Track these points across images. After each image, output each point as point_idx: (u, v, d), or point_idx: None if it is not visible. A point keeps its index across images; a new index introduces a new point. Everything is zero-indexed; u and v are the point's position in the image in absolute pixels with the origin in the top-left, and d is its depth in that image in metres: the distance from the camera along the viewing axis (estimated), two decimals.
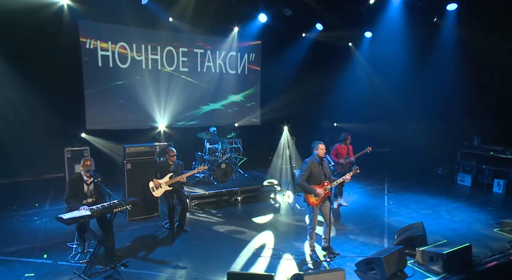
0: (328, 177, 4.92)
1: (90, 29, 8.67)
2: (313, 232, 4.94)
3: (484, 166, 9.28)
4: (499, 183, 8.75)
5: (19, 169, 7.89)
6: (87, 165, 4.51)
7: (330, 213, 4.98)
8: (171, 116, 9.89)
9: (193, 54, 10.30)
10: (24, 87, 7.41)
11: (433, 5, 8.83)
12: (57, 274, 4.34)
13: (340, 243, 5.49)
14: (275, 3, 9.49)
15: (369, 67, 11.64)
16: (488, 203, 7.87)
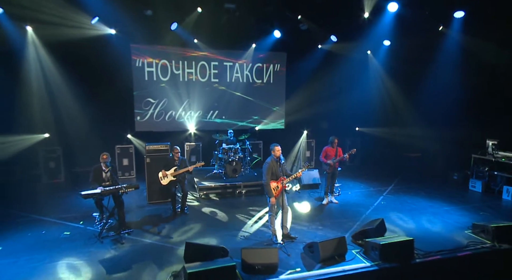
0: (285, 173, 5.76)
1: (138, 50, 10.57)
2: (272, 218, 5.82)
3: (495, 172, 8.93)
4: (508, 190, 8.40)
5: (82, 161, 9.98)
6: (104, 158, 6.08)
7: (286, 203, 5.81)
8: (200, 120, 11.37)
9: (223, 66, 11.66)
10: (85, 98, 9.47)
11: (439, 13, 8.82)
12: (84, 235, 5.98)
13: (306, 232, 6.25)
14: (291, 21, 10.29)
15: (385, 74, 11.73)
16: (484, 209, 7.74)
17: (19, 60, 8.91)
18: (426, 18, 8.62)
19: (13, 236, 5.87)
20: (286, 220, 5.93)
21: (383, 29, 9.27)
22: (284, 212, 5.87)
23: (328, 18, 9.43)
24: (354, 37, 10.13)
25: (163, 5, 8.90)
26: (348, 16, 8.81)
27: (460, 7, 8.67)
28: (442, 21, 9.08)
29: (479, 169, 9.35)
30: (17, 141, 8.85)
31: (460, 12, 8.73)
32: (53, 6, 7.87)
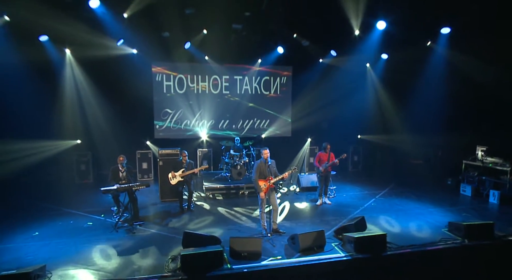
0: (273, 173, 6.36)
1: (158, 66, 11.55)
2: (263, 214, 6.41)
3: (484, 177, 9.08)
4: (494, 194, 8.54)
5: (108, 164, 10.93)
6: (120, 160, 6.94)
7: (276, 202, 6.40)
8: (211, 129, 12.17)
9: (233, 79, 12.44)
10: (111, 109, 10.50)
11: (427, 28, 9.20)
12: (103, 225, 6.82)
13: (295, 228, 6.76)
14: (293, 38, 10.93)
15: (383, 85, 12.09)
16: (469, 210, 7.96)
17: (57, 76, 10.06)
18: (414, 34, 9.00)
19: (47, 224, 6.80)
20: (275, 217, 6.50)
21: (375, 44, 9.73)
22: (274, 210, 6.46)
23: (323, 36, 9.99)
24: (351, 51, 10.61)
25: (178, 27, 9.78)
26: (341, 34, 9.33)
27: (446, 24, 9.01)
28: (430, 37, 9.43)
29: (469, 174, 9.51)
30: (54, 146, 9.95)
31: (447, 28, 9.06)
32: (86, 31, 8.92)
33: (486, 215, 7.65)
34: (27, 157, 8.87)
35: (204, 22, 9.69)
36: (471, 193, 9.21)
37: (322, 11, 7.89)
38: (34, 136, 9.02)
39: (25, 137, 8.73)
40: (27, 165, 8.89)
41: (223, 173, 10.15)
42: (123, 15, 8.09)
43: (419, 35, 9.23)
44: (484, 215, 7.63)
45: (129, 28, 8.85)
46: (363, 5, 7.57)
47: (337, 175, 11.55)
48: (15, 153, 8.56)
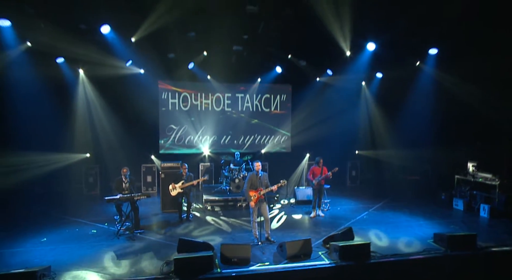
0: (264, 185, 6.74)
1: (164, 85, 12.24)
2: (254, 223, 6.75)
3: (475, 192, 9.27)
4: (484, 208, 8.70)
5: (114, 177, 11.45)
6: (124, 171, 7.43)
7: (267, 213, 6.75)
8: (213, 144, 12.66)
9: (235, 97, 13.02)
10: (119, 124, 11.12)
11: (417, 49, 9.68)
12: (106, 233, 7.25)
13: (286, 237, 7.01)
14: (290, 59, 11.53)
15: (378, 102, 12.49)
16: (458, 223, 8.14)
17: (71, 94, 10.78)
18: (403, 54, 9.48)
19: (55, 231, 7.26)
20: (267, 227, 6.84)
21: (366, 64, 10.23)
22: (265, 220, 6.80)
23: (317, 56, 10.56)
24: (346, 71, 11.11)
25: (182, 49, 10.47)
26: (333, 55, 9.86)
27: (434, 45, 9.47)
28: (419, 57, 9.89)
29: (462, 189, 9.70)
30: (65, 159, 10.53)
31: (434, 49, 9.52)
32: (98, 53, 9.64)
33: (474, 227, 7.81)
34: (40, 168, 9.43)
35: (207, 44, 10.36)
36: (463, 207, 9.37)
37: (313, 34, 8.43)
38: (48, 148, 9.62)
39: (39, 150, 9.31)
40: (40, 175, 9.45)
41: (222, 186, 10.54)
42: (131, 39, 8.79)
43: (408, 55, 9.68)
44: (472, 227, 7.79)
45: (137, 51, 9.56)
46: (349, 28, 8.09)
47: (335, 190, 11.86)
48: (29, 164, 9.14)
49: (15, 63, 8.44)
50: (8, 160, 8.47)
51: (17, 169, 8.77)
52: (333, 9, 7.17)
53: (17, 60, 8.49)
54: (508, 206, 8.52)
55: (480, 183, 9.21)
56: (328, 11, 7.23)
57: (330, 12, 7.24)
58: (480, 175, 9.30)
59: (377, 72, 11.99)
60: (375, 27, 8.53)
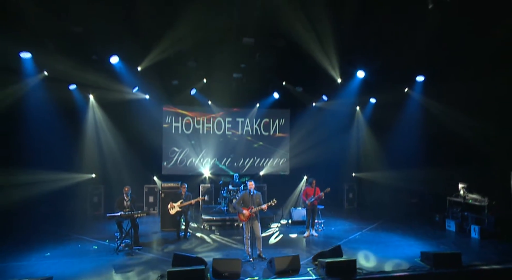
0: (256, 203, 7.08)
1: (168, 109, 12.94)
2: (246, 240, 7.04)
3: (466, 213, 9.44)
4: (475, 229, 8.85)
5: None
6: (126, 190, 7.87)
7: (259, 232, 7.05)
8: (214, 166, 13.12)
9: (235, 122, 13.63)
10: (124, 147, 11.72)
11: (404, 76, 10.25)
12: (106, 249, 7.59)
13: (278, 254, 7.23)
14: (287, 85, 12.19)
15: (372, 126, 12.95)
16: (448, 244, 8.29)
17: (81, 116, 11.49)
18: (392, 81, 10.04)
19: (58, 247, 7.62)
20: (258, 244, 7.11)
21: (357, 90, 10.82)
22: (257, 238, 7.09)
23: (311, 83, 11.20)
24: (339, 96, 11.69)
25: (185, 76, 11.23)
26: (325, 82, 10.48)
27: (421, 73, 10.04)
28: (407, 84, 10.46)
29: (453, 210, 9.87)
30: (72, 178, 11.02)
31: (421, 76, 10.08)
32: (107, 80, 10.39)
33: (463, 248, 7.91)
34: (47, 185, 9.88)
35: (207, 72, 11.10)
36: (455, 228, 9.50)
37: (305, 63, 9.07)
38: (57, 167, 10.13)
39: (49, 168, 9.80)
40: (47, 193, 9.88)
41: (221, 206, 10.87)
42: (137, 68, 9.54)
43: (396, 82, 10.23)
44: (461, 248, 7.88)
45: (143, 78, 10.31)
46: (336, 59, 8.74)
47: (332, 212, 12.12)
48: (39, 181, 9.62)
49: (32, 90, 9.18)
50: (19, 177, 8.97)
51: (27, 186, 9.23)
52: (319, 45, 7.83)
53: (35, 87, 9.25)
54: (498, 227, 8.66)
55: (470, 205, 9.41)
56: (314, 47, 7.89)
57: (317, 48, 7.91)
58: (470, 196, 9.52)
59: (370, 98, 12.54)
60: (362, 57, 9.15)
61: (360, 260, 6.99)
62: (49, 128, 9.96)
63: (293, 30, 7.33)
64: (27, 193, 9.17)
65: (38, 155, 9.68)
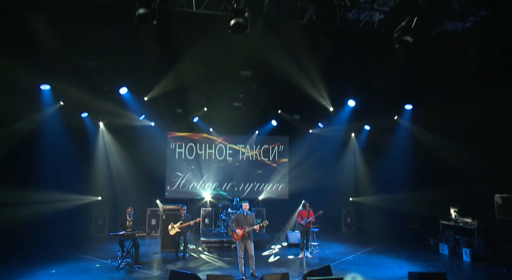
0: (250, 224, 7.48)
1: (172, 136, 13.66)
2: (240, 259, 7.37)
3: (458, 236, 9.63)
4: (466, 252, 9.01)
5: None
6: (128, 211, 8.37)
7: (252, 252, 7.39)
8: (214, 190, 13.57)
9: (236, 148, 14.25)
10: (130, 171, 12.35)
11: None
12: (108, 267, 7.96)
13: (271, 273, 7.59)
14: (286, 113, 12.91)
15: (366, 151, 13.43)
16: (439, 266, 8.46)
17: (90, 142, 12.23)
18: (381, 109, 10.67)
19: (63, 265, 8.01)
20: (251, 263, 7.42)
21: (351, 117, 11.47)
22: (250, 257, 7.42)
23: (305, 112, 11.90)
24: (334, 123, 12.31)
25: (188, 106, 12.04)
26: (318, 110, 11.16)
27: (409, 102, 10.68)
28: (396, 112, 11.08)
29: (446, 234, 10.06)
30: (79, 199, 11.54)
31: (409, 105, 10.71)
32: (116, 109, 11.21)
33: (453, 270, 8.10)
34: (55, 205, 10.43)
35: (209, 102, 11.90)
36: (448, 252, 9.64)
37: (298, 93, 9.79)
38: (66, 189, 10.73)
39: (59, 189, 10.41)
40: (55, 212, 10.39)
41: (220, 229, 11.21)
42: (144, 99, 10.37)
43: (386, 110, 10.85)
44: (451, 270, 8.08)
45: (149, 107, 11.13)
46: (326, 91, 9.47)
47: (329, 235, 12.35)
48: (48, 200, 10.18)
49: (50, 117, 10.03)
50: (30, 196, 9.56)
51: (37, 204, 9.79)
52: (307, 79, 8.59)
53: (52, 115, 10.11)
54: (488, 250, 8.81)
55: (462, 228, 9.61)
56: (303, 81, 8.66)
57: (305, 81, 8.67)
58: (461, 220, 9.74)
59: (364, 124, 13.12)
60: (350, 88, 9.86)
61: (348, 278, 7.23)
62: (62, 152, 10.70)
63: (282, 67, 8.11)
64: (36, 211, 9.69)
65: (50, 176, 10.34)
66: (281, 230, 12.35)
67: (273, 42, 6.96)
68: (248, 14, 4.78)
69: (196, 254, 9.47)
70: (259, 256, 9.13)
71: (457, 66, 7.26)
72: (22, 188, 9.34)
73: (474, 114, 9.01)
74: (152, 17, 4.69)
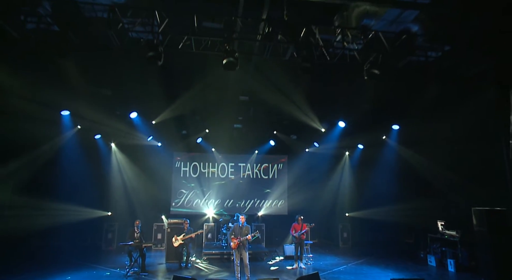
0: (244, 234, 8.24)
1: (178, 155, 14.65)
2: (236, 266, 8.10)
3: (444, 248, 10.18)
4: (451, 263, 9.56)
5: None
6: (136, 223, 9.21)
7: (246, 258, 8.13)
8: (217, 206, 14.36)
9: (237, 166, 15.13)
10: (138, 188, 13.27)
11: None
12: (117, 275, 8.73)
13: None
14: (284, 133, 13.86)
15: (359, 168, 14.18)
16: (422, 276, 8.99)
17: (103, 161, 13.27)
18: (370, 130, 11.54)
19: (77, 273, 8.81)
20: (246, 271, 8.14)
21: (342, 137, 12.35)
22: (245, 266, 8.15)
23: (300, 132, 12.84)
24: (327, 143, 13.19)
25: (192, 128, 13.09)
26: (311, 131, 12.08)
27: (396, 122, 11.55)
28: (385, 132, 11.93)
29: (434, 246, 10.61)
30: (91, 213, 12.40)
31: (396, 126, 11.57)
32: (127, 131, 12.32)
33: (434, 279, 8.67)
34: (69, 217, 11.33)
35: (212, 124, 12.94)
36: (435, 263, 10.18)
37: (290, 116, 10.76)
38: (80, 203, 11.72)
39: (73, 202, 11.40)
40: (69, 223, 11.28)
41: (221, 242, 11.92)
42: (152, 122, 11.46)
43: (374, 131, 11.72)
44: (433, 279, 8.66)
45: (156, 129, 12.20)
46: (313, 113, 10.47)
47: (326, 249, 12.92)
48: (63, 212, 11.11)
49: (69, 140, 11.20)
50: (51, 205, 10.61)
51: (52, 214, 10.74)
52: (295, 106, 9.61)
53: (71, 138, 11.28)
54: (472, 261, 9.35)
55: (448, 240, 10.18)
56: (292, 108, 9.68)
57: (294, 108, 9.69)
58: (447, 233, 10.33)
59: (358, 143, 13.96)
60: (339, 111, 10.82)
61: None
62: (79, 169, 11.76)
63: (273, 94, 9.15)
64: (52, 221, 10.60)
65: (69, 190, 11.37)
66: (280, 244, 12.97)
67: (264, 75, 8.00)
68: (237, 54, 5.82)
69: (197, 265, 10.18)
70: (257, 266, 9.80)
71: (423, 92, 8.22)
72: (46, 199, 10.44)
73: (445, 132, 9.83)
74: (159, 58, 5.75)
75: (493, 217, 8.36)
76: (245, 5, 5.74)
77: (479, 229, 8.66)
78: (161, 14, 5.70)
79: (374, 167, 13.03)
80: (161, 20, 5.74)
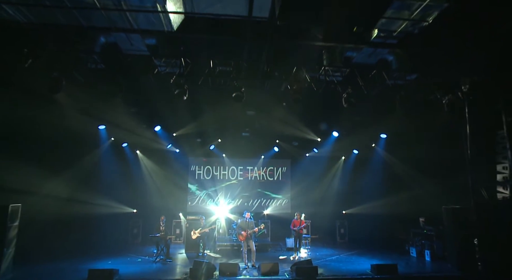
0: (251, 227, 10.13)
1: (193, 160, 16.65)
2: (243, 254, 10.00)
3: (423, 241, 11.87)
4: (427, 253, 11.25)
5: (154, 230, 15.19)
6: (162, 218, 11.22)
7: (253, 246, 10.02)
8: (228, 204, 16.31)
9: (246, 169, 17.04)
10: (159, 189, 15.32)
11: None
12: (147, 260, 10.75)
13: None
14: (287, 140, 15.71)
15: (354, 171, 15.94)
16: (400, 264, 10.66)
17: (130, 165, 15.37)
18: (361, 138, 13.28)
19: (115, 259, 10.86)
20: (253, 256, 10.04)
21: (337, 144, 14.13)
22: (252, 252, 10.05)
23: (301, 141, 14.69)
24: (325, 148, 14.98)
25: (207, 136, 15.06)
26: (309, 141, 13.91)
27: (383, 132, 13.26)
28: (374, 141, 13.65)
29: (415, 239, 12.30)
30: (121, 208, 14.47)
31: (383, 134, 13.27)
32: (150, 140, 14.36)
33: (412, 266, 10.38)
34: (105, 208, 13.49)
35: (223, 133, 14.89)
36: (416, 254, 11.86)
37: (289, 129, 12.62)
38: (113, 199, 13.88)
39: (106, 195, 13.57)
40: (102, 215, 13.30)
41: (231, 236, 13.85)
42: (173, 134, 13.47)
43: (365, 140, 13.46)
44: (411, 266, 10.37)
45: (176, 139, 14.21)
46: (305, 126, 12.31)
47: (324, 244, 14.70)
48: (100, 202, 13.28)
49: (106, 149, 13.37)
50: (92, 196, 12.80)
51: (92, 204, 12.93)
52: (289, 126, 11.45)
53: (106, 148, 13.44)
54: (445, 252, 11.02)
55: (427, 234, 11.86)
56: (289, 125, 11.55)
57: (289, 127, 11.54)
58: (427, 227, 12.01)
59: (353, 149, 15.70)
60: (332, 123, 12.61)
61: (326, 270, 9.68)
62: (114, 171, 13.97)
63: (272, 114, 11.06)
64: (88, 210, 12.65)
65: (107, 186, 13.58)
66: (283, 239, 14.82)
67: (263, 101, 9.94)
68: (244, 89, 7.67)
69: (212, 254, 12.15)
70: (262, 256, 11.66)
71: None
72: (90, 191, 12.76)
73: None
74: (185, 94, 7.64)
75: (459, 214, 10.03)
76: (248, 51, 7.60)
77: (447, 224, 10.35)
78: (186, 60, 7.61)
79: (366, 170, 14.76)
80: (185, 64, 7.67)
